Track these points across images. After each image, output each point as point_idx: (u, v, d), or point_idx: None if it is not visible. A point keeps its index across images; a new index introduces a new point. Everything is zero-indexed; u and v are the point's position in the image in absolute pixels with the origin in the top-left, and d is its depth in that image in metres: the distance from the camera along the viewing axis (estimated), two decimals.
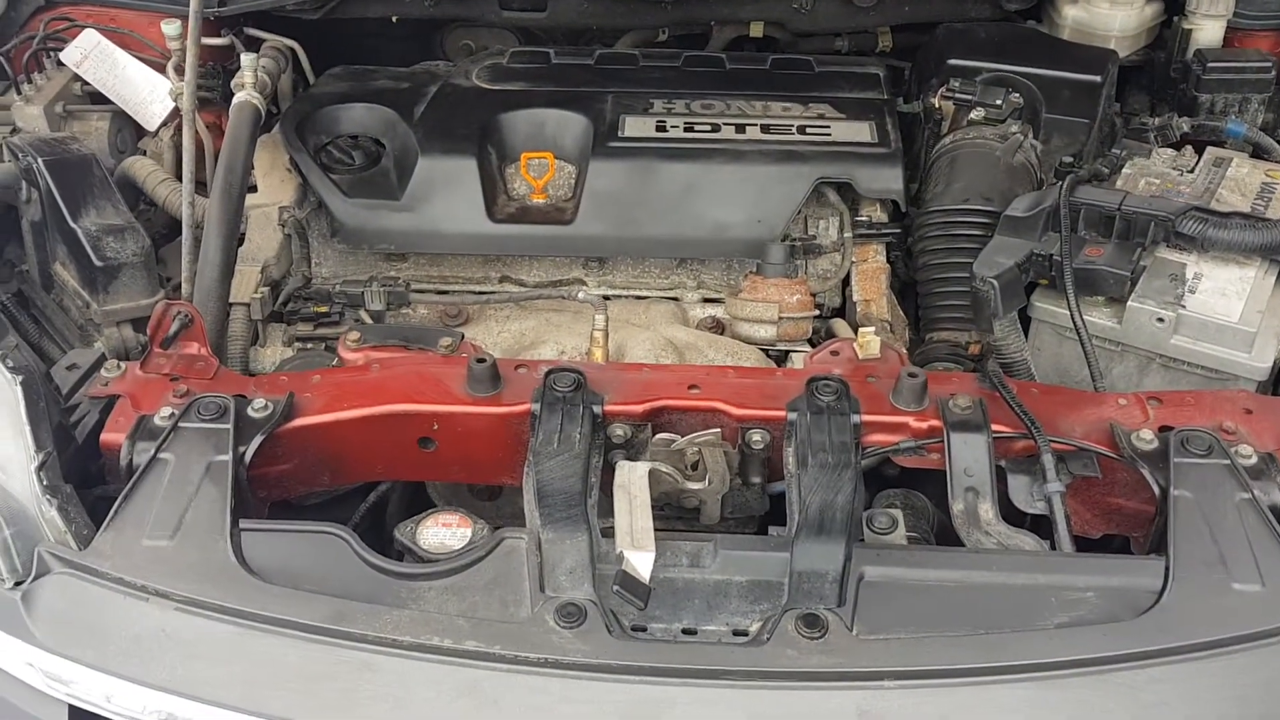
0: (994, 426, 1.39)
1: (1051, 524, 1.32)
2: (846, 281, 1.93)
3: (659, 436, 1.42)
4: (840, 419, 1.38)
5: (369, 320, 1.83)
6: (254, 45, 2.23)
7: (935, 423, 1.41)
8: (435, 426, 1.45)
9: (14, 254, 1.93)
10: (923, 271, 1.87)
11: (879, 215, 1.94)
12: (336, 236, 1.95)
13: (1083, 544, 1.45)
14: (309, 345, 1.82)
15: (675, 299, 1.96)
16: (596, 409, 1.41)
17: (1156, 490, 1.33)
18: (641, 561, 1.23)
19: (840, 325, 1.84)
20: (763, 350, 1.82)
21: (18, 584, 1.26)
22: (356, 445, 1.47)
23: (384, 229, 1.93)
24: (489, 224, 1.92)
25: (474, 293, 1.96)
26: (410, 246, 1.95)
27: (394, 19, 2.27)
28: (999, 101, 1.92)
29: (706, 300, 1.96)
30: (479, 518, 1.36)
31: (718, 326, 1.90)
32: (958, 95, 1.94)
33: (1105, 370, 1.67)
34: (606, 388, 1.46)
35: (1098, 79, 1.99)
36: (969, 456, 1.36)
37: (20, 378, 1.36)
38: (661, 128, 1.99)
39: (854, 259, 1.91)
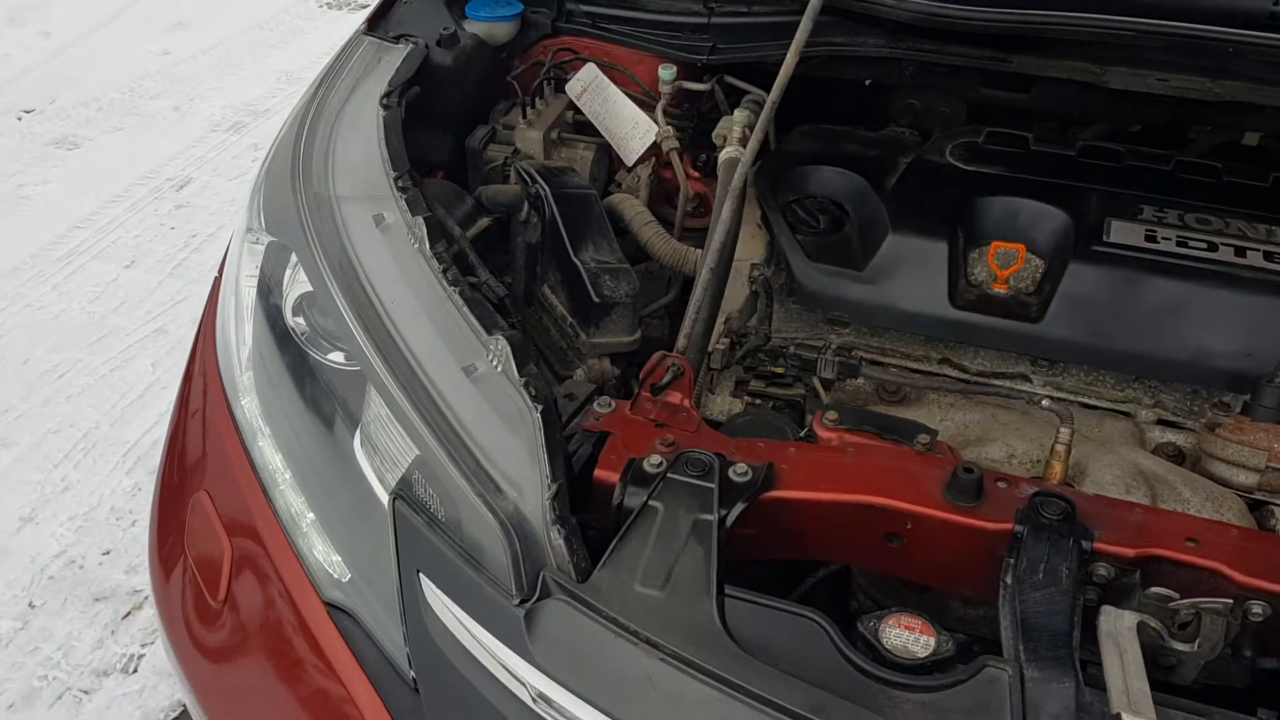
0: None
1: None
2: None
3: (1153, 590, 1.35)
4: None
5: (820, 388, 1.86)
6: (730, 93, 2.32)
7: None
8: (908, 525, 1.45)
9: (495, 262, 2.10)
10: None
11: None
12: (793, 297, 1.99)
13: None
14: (757, 401, 1.86)
15: (1127, 414, 1.87)
16: (1085, 544, 1.36)
17: None
18: None
19: None
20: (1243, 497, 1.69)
21: (523, 601, 1.36)
22: (825, 526, 1.49)
23: (841, 296, 1.95)
24: (950, 308, 1.90)
25: (921, 372, 1.94)
26: (865, 319, 1.96)
27: (867, 82, 2.29)
28: None
29: (1162, 422, 1.85)
30: (943, 629, 1.35)
31: (1177, 454, 1.79)
32: None
33: None
34: (1096, 522, 1.41)
35: None
36: None
37: (540, 407, 1.48)
38: (1151, 237, 1.89)
39: None
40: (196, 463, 1.92)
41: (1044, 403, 1.78)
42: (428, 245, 1.69)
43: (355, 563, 1.61)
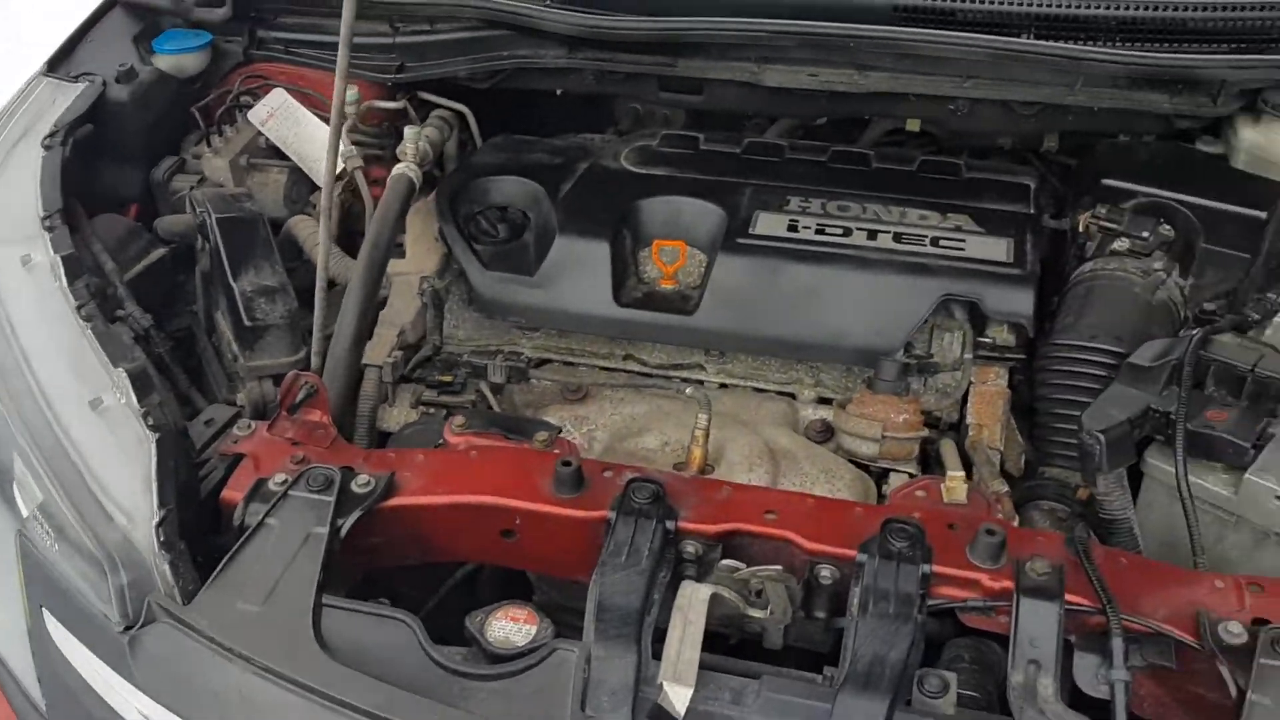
0: (1070, 597, 1.35)
1: (1111, 714, 1.27)
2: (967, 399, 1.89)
3: (723, 563, 1.44)
4: (909, 568, 1.37)
5: (489, 393, 1.92)
6: (427, 108, 2.38)
7: (1009, 584, 1.38)
8: (517, 521, 1.52)
9: (192, 290, 2.12)
10: (1041, 403, 1.82)
11: (1005, 337, 1.89)
12: (473, 305, 2.05)
13: None
14: (431, 411, 1.92)
15: (792, 395, 1.97)
16: (670, 524, 1.45)
17: (1234, 690, 1.27)
18: (678, 696, 1.26)
19: (948, 449, 1.80)
20: (863, 467, 1.81)
21: (127, 629, 1.40)
22: (444, 528, 1.56)
23: (516, 302, 2.02)
24: (614, 307, 1.98)
25: (600, 368, 2.02)
26: (539, 322, 2.03)
27: (558, 92, 2.36)
28: (1146, 234, 1.84)
29: (822, 400, 1.96)
30: (547, 616, 1.42)
31: (827, 430, 1.90)
32: (1103, 222, 1.87)
33: (1218, 538, 1.58)
34: (685, 502, 1.49)
35: (1263, 215, 1.87)
36: (1037, 627, 1.32)
37: (156, 436, 1.51)
38: (793, 227, 2.00)
39: (973, 379, 1.88)
40: None
41: (687, 391, 1.88)
42: (65, 282, 1.71)
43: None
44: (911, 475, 1.78)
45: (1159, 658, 1.34)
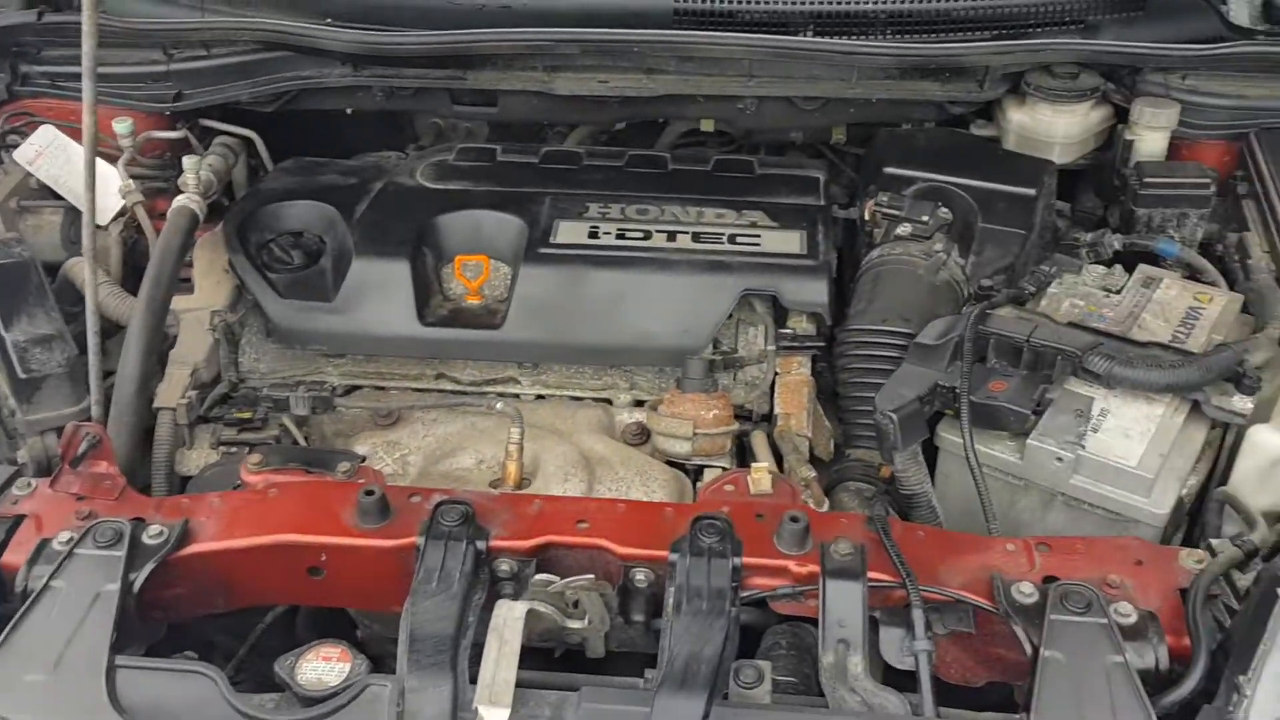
0: (873, 574, 1.39)
1: (917, 683, 1.31)
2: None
3: (537, 577, 1.43)
4: (720, 563, 1.39)
5: (292, 426, 1.86)
6: (213, 135, 2.29)
7: (815, 568, 1.41)
8: (323, 557, 1.48)
9: None
10: (842, 387, 1.87)
11: (805, 327, 1.94)
12: (271, 337, 1.98)
13: (962, 693, 1.45)
14: (233, 450, 1.84)
15: (609, 400, 1.98)
16: (481, 544, 1.43)
17: (1029, 648, 1.33)
18: (495, 718, 1.24)
19: (758, 440, 1.84)
20: (680, 465, 1.83)
21: None
22: (247, 572, 1.50)
23: (316, 330, 1.97)
24: (419, 327, 1.95)
25: (412, 390, 1.98)
26: (342, 348, 1.98)
27: (349, 111, 2.31)
28: (925, 218, 1.91)
29: (638, 404, 1.97)
30: (362, 652, 1.38)
31: (643, 432, 1.91)
32: (885, 209, 1.94)
33: (1010, 503, 1.66)
34: (496, 520, 1.48)
35: (1032, 192, 1.97)
36: (843, 607, 1.36)
37: None
38: (594, 234, 2.00)
39: (778, 370, 1.92)
40: None
41: (498, 406, 1.86)
42: None
43: None
44: (725, 469, 1.81)
45: (959, 624, 1.40)
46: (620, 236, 2.00)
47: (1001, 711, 1.34)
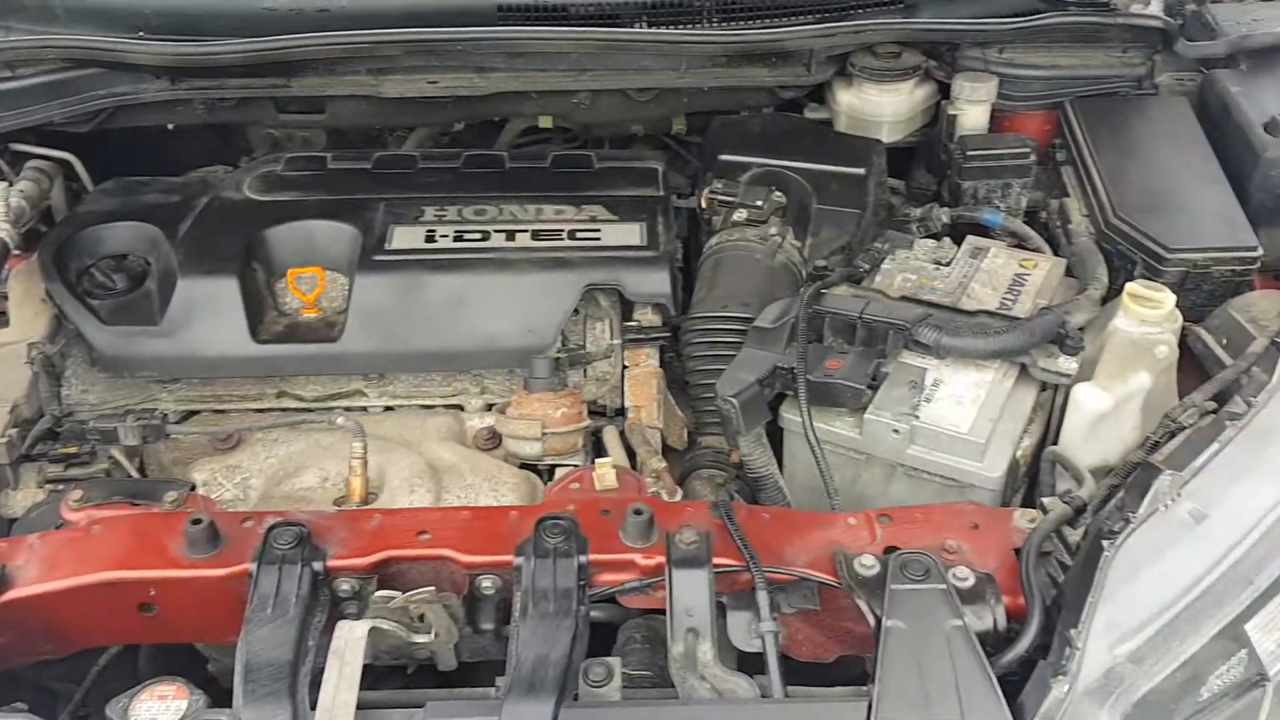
0: (719, 560, 1.39)
1: (765, 665, 1.32)
2: None
3: (378, 594, 1.39)
4: (565, 562, 1.37)
5: (122, 458, 1.78)
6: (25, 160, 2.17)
7: (661, 559, 1.40)
8: (152, 592, 1.41)
9: None
10: (690, 376, 1.87)
11: (650, 318, 1.93)
12: (97, 366, 1.89)
13: (814, 669, 1.46)
14: (60, 488, 1.75)
15: (461, 406, 1.94)
16: (318, 565, 1.38)
17: (872, 620, 1.34)
18: None
19: (609, 435, 1.83)
20: (532, 467, 1.80)
21: None
22: (73, 615, 1.42)
23: (143, 356, 1.88)
24: (253, 345, 1.88)
25: (253, 411, 1.91)
26: (173, 372, 1.90)
27: (170, 126, 2.22)
28: (760, 202, 1.93)
29: (490, 408, 1.94)
30: (198, 688, 1.33)
31: (494, 437, 1.88)
32: (721, 196, 1.95)
33: (854, 478, 1.68)
34: (333, 538, 1.43)
35: (862, 171, 2.01)
36: (690, 595, 1.35)
37: None
38: (431, 238, 1.96)
39: (626, 363, 1.91)
40: None
41: (339, 420, 1.80)
42: None
43: None
44: (577, 467, 1.79)
45: (805, 602, 1.41)
46: (458, 239, 1.96)
47: (855, 685, 1.36)
